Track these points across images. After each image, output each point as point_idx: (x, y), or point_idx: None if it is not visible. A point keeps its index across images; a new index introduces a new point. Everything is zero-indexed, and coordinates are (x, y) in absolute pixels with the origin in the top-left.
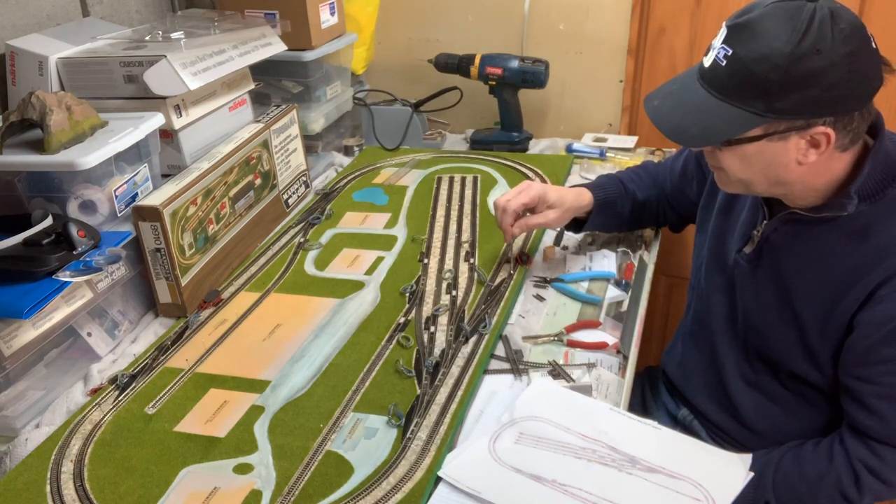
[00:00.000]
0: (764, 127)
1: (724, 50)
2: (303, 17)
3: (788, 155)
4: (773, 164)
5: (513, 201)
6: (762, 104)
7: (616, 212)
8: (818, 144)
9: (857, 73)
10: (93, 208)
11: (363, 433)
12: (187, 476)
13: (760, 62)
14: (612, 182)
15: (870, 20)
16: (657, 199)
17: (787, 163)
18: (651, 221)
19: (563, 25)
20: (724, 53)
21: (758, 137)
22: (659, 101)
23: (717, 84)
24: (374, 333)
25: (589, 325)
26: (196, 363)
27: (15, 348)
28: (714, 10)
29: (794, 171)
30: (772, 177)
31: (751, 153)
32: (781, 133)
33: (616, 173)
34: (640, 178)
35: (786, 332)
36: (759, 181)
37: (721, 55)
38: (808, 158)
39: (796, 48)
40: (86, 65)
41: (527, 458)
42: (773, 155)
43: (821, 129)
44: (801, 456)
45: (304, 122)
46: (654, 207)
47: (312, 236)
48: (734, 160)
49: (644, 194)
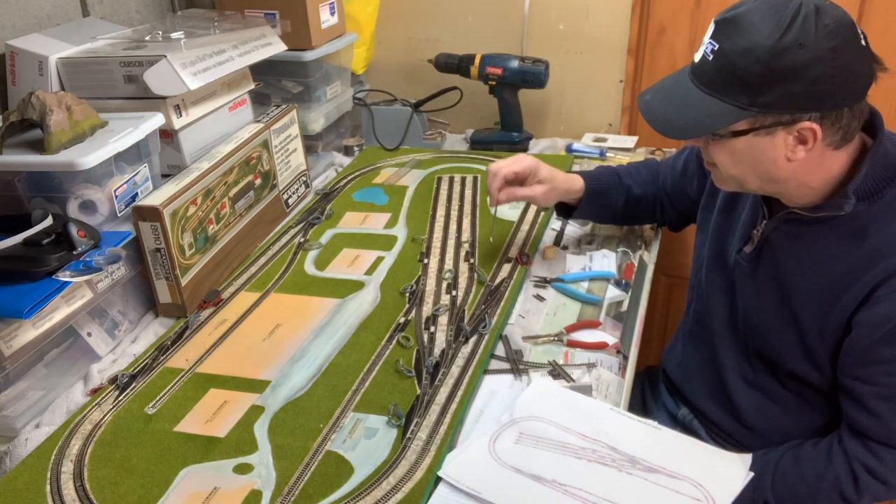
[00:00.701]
0: (750, 121)
1: (712, 45)
2: (303, 17)
3: (776, 151)
4: (762, 159)
5: (504, 168)
6: (746, 98)
7: (608, 202)
8: (805, 140)
9: (843, 68)
10: (93, 208)
11: (363, 433)
12: (187, 476)
13: (743, 56)
14: (607, 173)
15: (870, 20)
16: (654, 196)
17: (775, 158)
18: (647, 218)
19: (563, 25)
20: (712, 48)
21: (744, 132)
22: (650, 96)
23: (705, 79)
24: (374, 333)
25: (589, 325)
26: (196, 363)
27: (15, 348)
28: (714, 10)
29: (785, 168)
30: (763, 173)
31: (739, 148)
32: (768, 128)
33: (615, 166)
34: (639, 173)
35: (785, 331)
36: (751, 178)
37: (709, 50)
38: (796, 155)
39: (778, 42)
40: (86, 65)
41: (527, 458)
42: (761, 150)
43: (807, 125)
44: (800, 456)
45: (304, 122)
46: (650, 204)
47: (312, 236)
48: (724, 155)
49: (641, 189)
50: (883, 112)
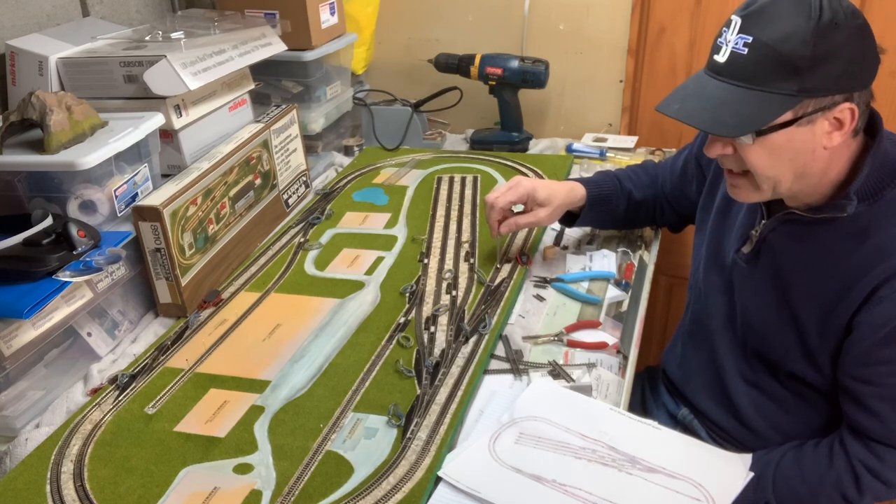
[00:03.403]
0: (794, 111)
1: (743, 38)
2: (303, 17)
3: (816, 140)
4: (801, 151)
5: (500, 198)
6: (794, 83)
7: (610, 209)
8: (842, 124)
9: (869, 47)
10: (93, 208)
11: (363, 433)
12: (187, 476)
13: (786, 41)
14: (608, 179)
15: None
16: (654, 199)
17: (814, 148)
18: (647, 221)
19: (563, 25)
20: (744, 42)
21: (787, 123)
22: (680, 104)
23: (741, 74)
24: (374, 333)
25: (589, 325)
26: (196, 363)
27: (15, 348)
28: (714, 10)
29: (821, 158)
30: (799, 167)
31: (779, 143)
32: (809, 115)
33: (614, 171)
34: (639, 176)
35: (784, 332)
36: (787, 175)
37: (741, 45)
38: (832, 141)
39: (818, 23)
40: (86, 65)
41: (527, 458)
42: (801, 142)
43: (845, 105)
44: (801, 456)
45: (304, 122)
46: (650, 207)
47: (312, 236)
48: (762, 155)
49: (641, 194)
50: (883, 112)
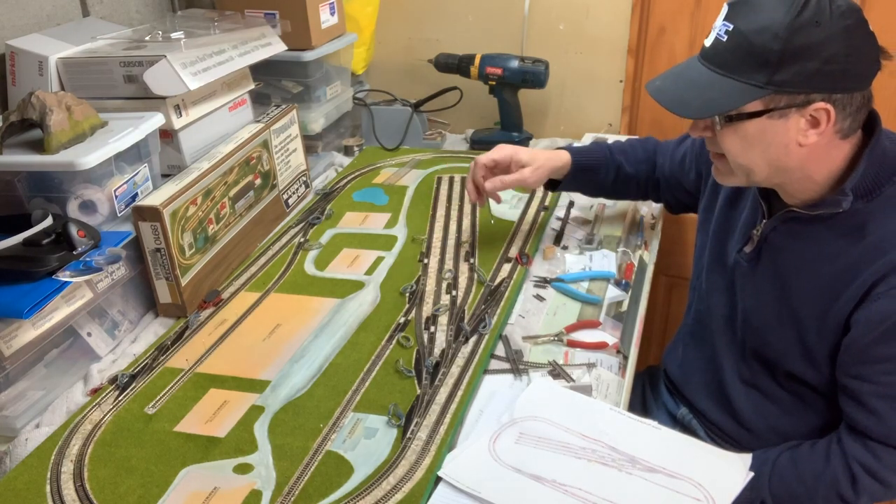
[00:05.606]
0: (764, 101)
1: (725, 26)
2: (303, 17)
3: (789, 135)
4: (773, 144)
5: (483, 157)
6: (763, 76)
7: (597, 179)
8: (818, 123)
9: (855, 49)
10: (93, 208)
11: (363, 433)
12: (187, 476)
13: (760, 33)
14: (598, 149)
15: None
16: (647, 175)
17: (787, 143)
18: (638, 195)
19: (563, 25)
20: (726, 29)
21: (758, 113)
22: (661, 82)
23: (718, 60)
24: (373, 333)
25: (589, 325)
26: (196, 363)
27: (15, 348)
28: (714, 10)
29: (795, 155)
30: (772, 160)
31: (751, 133)
32: (781, 109)
33: (610, 142)
34: (635, 151)
35: (784, 331)
36: (760, 166)
37: (722, 31)
38: (808, 139)
39: (796, 19)
40: (86, 65)
41: (527, 458)
42: (773, 134)
43: (820, 105)
44: (798, 455)
45: (304, 122)
46: (642, 182)
47: (312, 236)
48: (735, 141)
49: (633, 168)
50: (882, 112)
